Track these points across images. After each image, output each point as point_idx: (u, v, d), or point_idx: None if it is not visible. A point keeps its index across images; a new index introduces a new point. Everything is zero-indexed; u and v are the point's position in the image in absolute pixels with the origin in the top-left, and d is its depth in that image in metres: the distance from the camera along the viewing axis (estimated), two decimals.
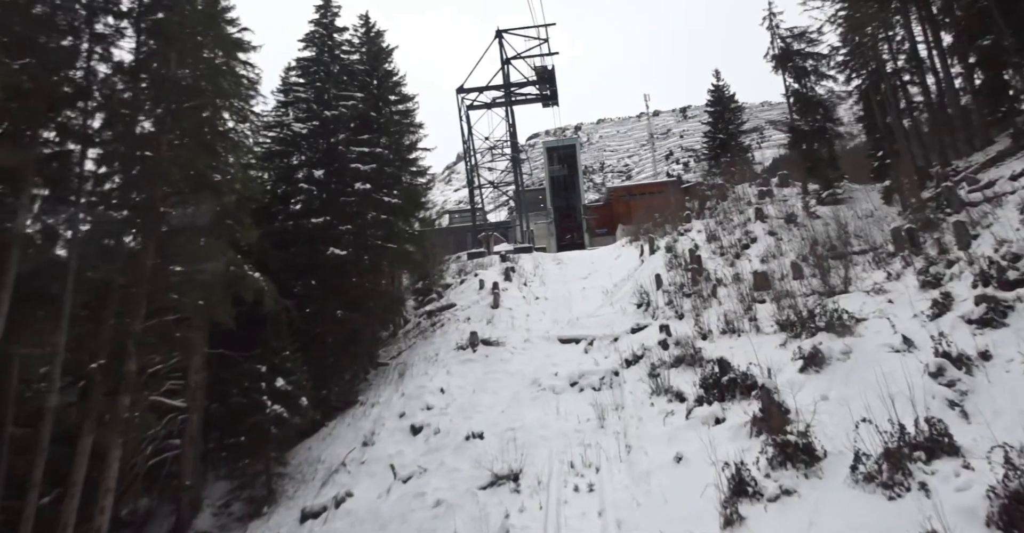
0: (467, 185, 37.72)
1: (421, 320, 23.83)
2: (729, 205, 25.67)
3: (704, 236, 22.51)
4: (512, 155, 38.05)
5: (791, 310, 13.63)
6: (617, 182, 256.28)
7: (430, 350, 18.65)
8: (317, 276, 17.09)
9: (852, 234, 17.93)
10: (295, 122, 18.49)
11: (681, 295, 17.51)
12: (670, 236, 25.15)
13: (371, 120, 20.77)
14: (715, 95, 37.74)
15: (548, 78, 38.06)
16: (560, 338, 18.26)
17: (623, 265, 25.77)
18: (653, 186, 49.42)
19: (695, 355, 13.44)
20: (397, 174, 21.31)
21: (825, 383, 9.94)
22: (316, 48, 19.99)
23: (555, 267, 29.47)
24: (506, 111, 36.92)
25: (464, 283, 26.27)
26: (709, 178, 33.75)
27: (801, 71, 26.13)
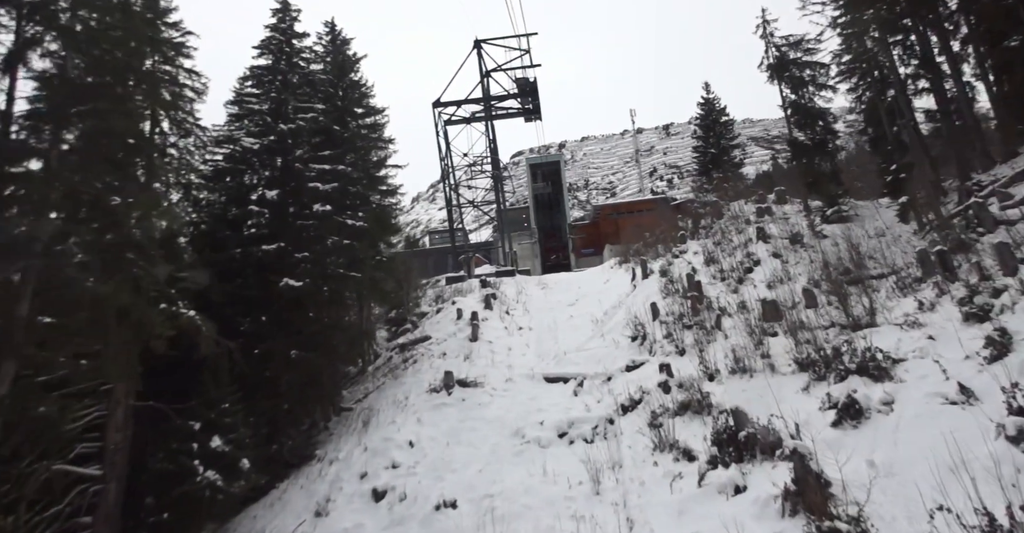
0: (445, 205, 36.16)
1: (393, 354, 22.04)
2: (726, 224, 24.28)
3: (702, 258, 21.04)
4: (493, 172, 36.58)
5: (810, 345, 12.11)
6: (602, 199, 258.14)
7: (400, 393, 16.84)
8: (268, 311, 15.29)
9: (866, 255, 16.52)
10: (246, 137, 16.79)
11: (681, 326, 15.92)
12: (664, 258, 23.67)
13: (335, 134, 19.18)
14: (705, 108, 36.69)
15: (530, 91, 36.78)
16: (546, 377, 16.57)
17: (613, 290, 24.20)
18: (642, 204, 48.17)
19: (702, 401, 11.81)
20: (364, 194, 19.67)
21: (867, 443, 8.34)
22: (273, 56, 18.41)
23: (540, 292, 27.86)
24: (486, 126, 35.56)
25: (441, 312, 24.55)
26: (701, 195, 32.45)
27: (798, 81, 25.00)
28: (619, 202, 53.26)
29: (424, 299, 29.79)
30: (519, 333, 21.22)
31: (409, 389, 16.98)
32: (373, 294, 19.11)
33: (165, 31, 16.57)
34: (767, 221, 22.45)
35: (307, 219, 16.35)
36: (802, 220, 21.76)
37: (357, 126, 20.67)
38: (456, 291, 29.09)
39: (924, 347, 9.85)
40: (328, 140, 18.84)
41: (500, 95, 36.58)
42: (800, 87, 24.96)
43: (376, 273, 18.53)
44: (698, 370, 13.16)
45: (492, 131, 36.07)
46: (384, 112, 22.28)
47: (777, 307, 14.65)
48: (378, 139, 21.94)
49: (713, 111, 36.35)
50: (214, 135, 17.06)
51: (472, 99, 36.07)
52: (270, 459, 14.35)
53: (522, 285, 29.22)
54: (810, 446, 8.13)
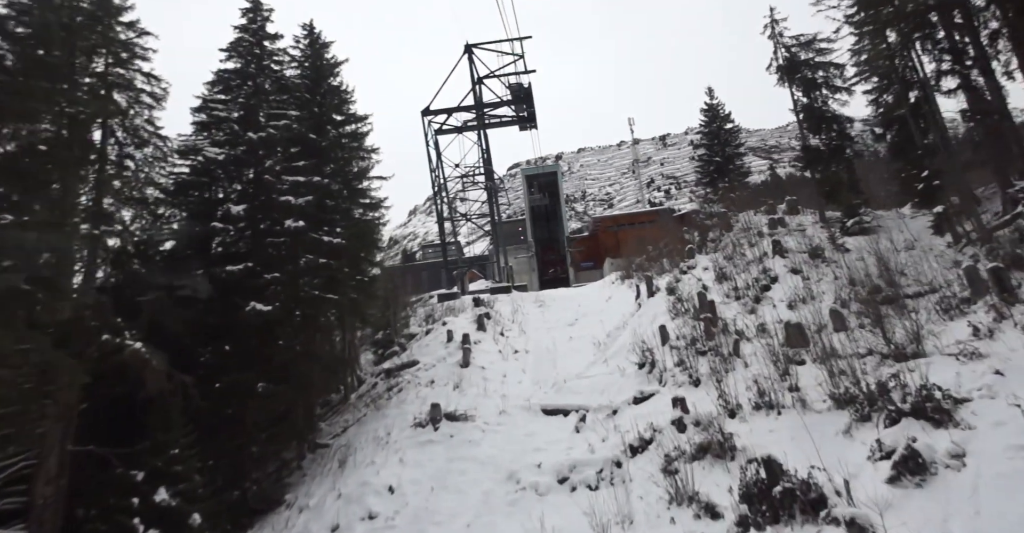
0: (436, 219, 34.75)
1: (378, 381, 20.55)
2: (737, 237, 22.92)
3: (712, 275, 19.64)
4: (487, 183, 35.22)
5: (846, 378, 10.69)
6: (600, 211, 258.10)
7: (381, 427, 15.36)
8: (233, 339, 13.84)
9: (896, 271, 15.15)
10: (211, 147, 15.44)
11: (694, 352, 14.48)
12: (671, 274, 22.29)
13: (311, 144, 17.85)
14: (709, 115, 35.52)
15: (524, 97, 35.48)
16: (544, 408, 15.13)
17: (616, 309, 22.78)
18: (643, 215, 46.89)
19: (724, 443, 10.36)
20: (344, 207, 18.30)
21: (938, 508, 6.89)
22: (242, 59, 17.09)
23: (537, 311, 26.45)
24: (478, 135, 34.23)
25: (430, 333, 23.09)
26: (707, 206, 31.15)
27: (811, 83, 23.82)
28: (619, 214, 51.93)
29: (414, 318, 28.38)
30: (514, 357, 19.78)
31: (392, 423, 15.50)
32: (353, 318, 17.65)
33: (121, 32, 15.36)
34: (782, 233, 21.12)
35: (278, 236, 14.95)
36: (820, 232, 20.42)
37: (337, 135, 19.33)
38: (448, 310, 27.68)
39: (992, 384, 8.42)
40: (304, 150, 17.50)
41: (493, 102, 35.32)
42: (813, 89, 23.78)
43: (357, 294, 17.09)
44: (717, 405, 11.72)
45: (485, 140, 34.80)
46: (367, 120, 21.00)
47: (803, 331, 13.23)
48: (360, 148, 20.59)
49: (717, 117, 35.19)
50: (176, 146, 15.70)
51: (463, 107, 34.77)
52: (232, 506, 12.85)
53: (518, 303, 27.82)
54: (869, 516, 6.69)
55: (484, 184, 35.60)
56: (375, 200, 20.38)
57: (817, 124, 23.20)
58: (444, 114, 34.69)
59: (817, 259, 17.77)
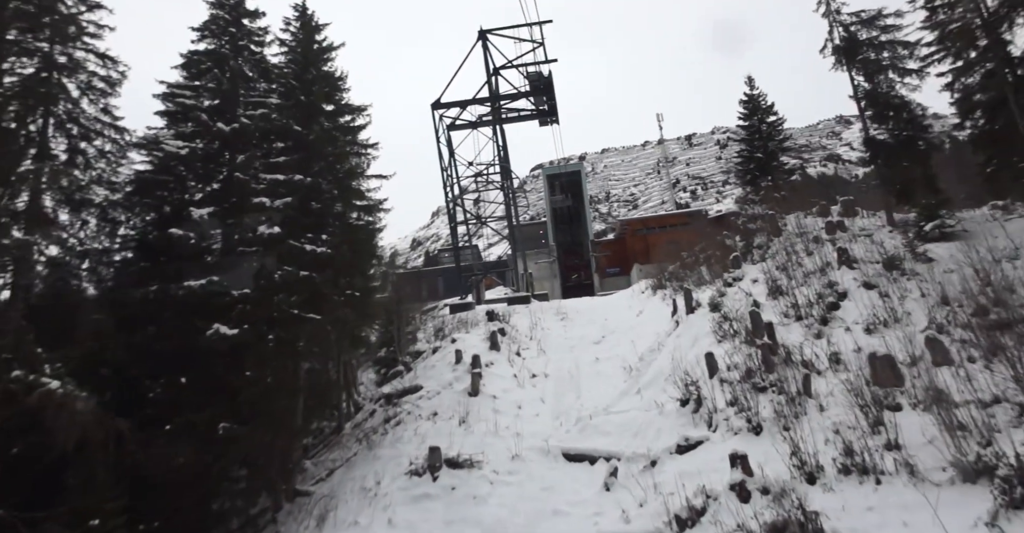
0: (448, 221, 32.42)
1: (377, 407, 18.36)
2: (788, 242, 20.32)
3: (764, 288, 17.09)
4: (502, 182, 32.82)
5: (970, 434, 8.21)
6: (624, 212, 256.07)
7: (371, 473, 13.11)
8: (191, 369, 11.69)
9: (1005, 288, 12.51)
10: (175, 140, 13.35)
11: (750, 388, 11.99)
12: (712, 287, 19.77)
13: (296, 137, 15.69)
14: (749, 106, 32.74)
15: (544, 88, 32.95)
16: (566, 453, 12.80)
17: (649, 325, 20.35)
18: (675, 217, 44.25)
19: (806, 525, 7.91)
20: (338, 211, 16.12)
21: None
22: (216, 38, 15.01)
23: (558, 325, 24.11)
24: (493, 130, 31.83)
25: (438, 352, 20.85)
26: (747, 207, 28.50)
27: (874, 66, 21.12)
28: (648, 216, 49.19)
29: (423, 331, 26.21)
30: (532, 383, 17.47)
31: (384, 468, 13.24)
32: (340, 340, 15.43)
33: (72, 5, 13.34)
34: (844, 239, 18.52)
35: (250, 245, 12.77)
36: (891, 238, 17.78)
37: (328, 127, 17.16)
38: (460, 323, 25.46)
39: None
40: (287, 144, 15.36)
41: (510, 94, 32.93)
42: (877, 73, 21.07)
43: (347, 312, 14.87)
44: (789, 464, 9.28)
45: (502, 136, 32.48)
46: (365, 111, 18.78)
47: (894, 365, 10.71)
48: (354, 143, 18.40)
49: (758, 110, 32.38)
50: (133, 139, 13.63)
51: (477, 99, 32.36)
52: None
53: (537, 315, 25.49)
54: None
55: (500, 183, 33.16)
56: (372, 202, 18.17)
57: (883, 112, 20.52)
58: (456, 107, 32.39)
59: (895, 271, 15.16)
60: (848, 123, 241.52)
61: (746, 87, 33.24)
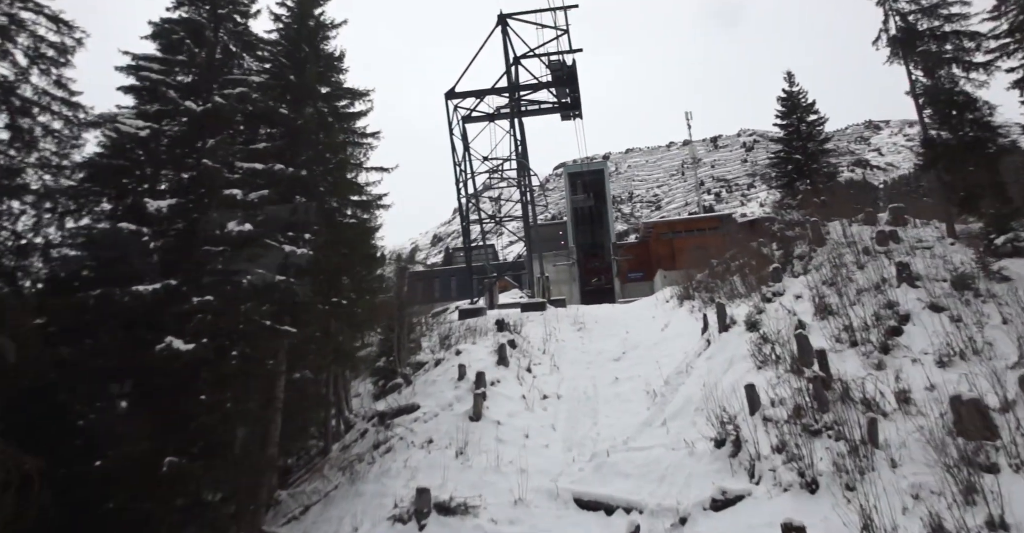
0: (460, 220, 30.56)
1: (369, 427, 16.70)
2: (833, 253, 18.30)
3: (810, 306, 15.12)
4: (518, 179, 30.86)
5: None
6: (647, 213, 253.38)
7: (349, 516, 11.41)
8: (134, 391, 10.02)
9: None
10: (138, 119, 11.72)
11: (801, 431, 10.10)
12: (748, 302, 17.85)
13: (282, 121, 14.01)
14: (787, 104, 30.55)
15: (568, 78, 30.93)
16: (578, 499, 10.99)
17: (675, 342, 18.48)
18: (703, 221, 42.07)
19: None
20: (325, 206, 14.42)
21: None
22: (193, 6, 13.35)
23: (575, 336, 22.28)
24: (511, 123, 29.89)
25: (440, 365, 19.11)
26: (784, 212, 26.45)
27: (936, 59, 19.01)
28: (675, 219, 46.88)
29: (428, 339, 24.50)
30: (542, 405, 15.67)
31: (365, 508, 11.54)
32: (324, 355, 13.69)
33: None
34: (899, 251, 16.51)
35: (217, 244, 11.08)
36: (955, 251, 15.73)
37: (323, 112, 15.46)
38: (468, 331, 23.68)
39: None
40: (272, 129, 13.69)
41: (530, 84, 30.90)
42: (938, 66, 18.96)
43: (332, 323, 13.15)
44: None
45: (520, 130, 30.55)
46: (367, 96, 17.06)
47: (985, 413, 8.75)
48: (351, 130, 16.69)
49: (797, 108, 30.21)
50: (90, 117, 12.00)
51: (495, 89, 30.39)
52: None
53: (552, 325, 23.70)
54: None
55: (517, 180, 31.19)
56: (370, 197, 16.45)
57: (945, 111, 18.41)
58: (472, 97, 30.51)
59: (966, 291, 13.13)
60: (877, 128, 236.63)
61: (785, 83, 31.10)
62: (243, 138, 13.05)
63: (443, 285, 51.95)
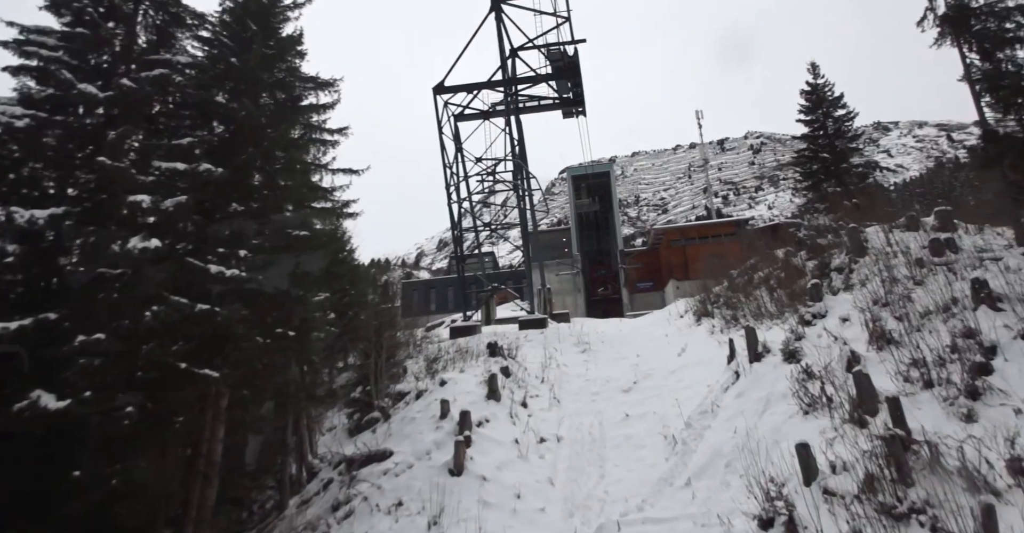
0: (451, 228, 28.02)
1: (335, 476, 14.28)
2: (879, 265, 15.80)
3: (861, 331, 12.60)
4: (515, 182, 28.27)
5: None
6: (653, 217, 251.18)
7: None
8: None
9: None
10: (11, 105, 9.32)
11: (879, 512, 7.59)
12: (782, 324, 15.39)
13: (218, 112, 11.60)
14: (811, 98, 28.09)
15: (569, 69, 28.37)
16: None
17: (695, 371, 15.99)
18: (718, 227, 39.45)
19: None
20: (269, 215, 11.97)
21: None
22: None
23: (578, 360, 19.84)
24: (507, 121, 27.40)
25: (423, 397, 16.66)
26: (812, 216, 23.97)
27: (995, 38, 16.52)
28: (687, 225, 44.11)
29: (416, 359, 22.03)
30: (538, 452, 13.20)
31: None
32: (256, 402, 11.19)
33: None
34: (959, 263, 13.99)
35: (113, 266, 8.65)
36: None
37: (275, 104, 13.07)
38: (459, 353, 21.27)
39: None
40: (206, 121, 11.28)
41: (528, 76, 28.32)
42: (999, 47, 16.46)
43: (274, 358, 10.69)
44: None
45: (518, 128, 28.14)
46: (333, 87, 14.66)
47: None
48: (311, 125, 14.27)
49: (823, 102, 27.76)
50: None
51: (490, 82, 27.84)
52: None
53: (554, 346, 21.27)
54: None
55: (513, 183, 28.64)
56: (335, 204, 14.04)
57: (1010, 99, 15.90)
58: (464, 92, 28.01)
59: None
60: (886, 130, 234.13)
61: (809, 75, 28.68)
62: (167, 131, 10.65)
63: (440, 296, 49.52)
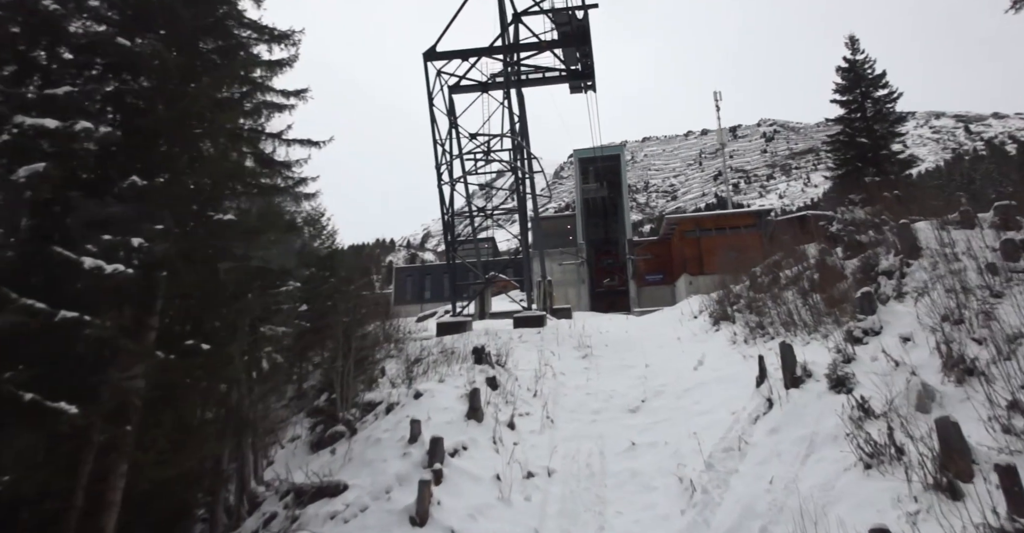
0: (441, 213, 25.36)
1: (280, 509, 12.03)
2: (938, 269, 13.34)
3: (930, 355, 10.14)
4: (512, 163, 25.60)
5: None
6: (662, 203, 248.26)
7: None
8: None
9: None
10: None
11: None
12: (823, 339, 12.99)
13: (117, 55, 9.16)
14: (849, 76, 25.41)
15: (578, 36, 25.49)
16: None
17: (715, 389, 13.65)
18: (737, 218, 36.78)
19: None
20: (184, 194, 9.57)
21: None
22: None
23: (578, 367, 17.54)
24: (506, 92, 24.61)
25: (393, 412, 14.38)
26: (848, 209, 21.40)
27: None
28: (702, 215, 41.04)
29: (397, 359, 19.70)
30: (523, 490, 10.92)
31: None
32: (146, 440, 8.81)
33: None
34: None
35: None
36: None
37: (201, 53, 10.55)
38: (444, 355, 19.02)
39: None
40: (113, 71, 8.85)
41: (530, 42, 25.50)
42: None
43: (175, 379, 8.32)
44: None
45: (520, 103, 25.50)
46: (288, 40, 12.15)
47: None
48: (256, 84, 11.78)
49: (861, 80, 25.09)
50: None
51: (489, 48, 24.97)
52: None
53: (551, 349, 18.97)
54: None
55: (510, 163, 25.97)
56: (289, 180, 11.64)
57: None
58: (459, 59, 25.28)
59: None
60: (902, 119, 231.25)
61: (846, 50, 25.95)
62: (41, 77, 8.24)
63: (435, 282, 47.08)
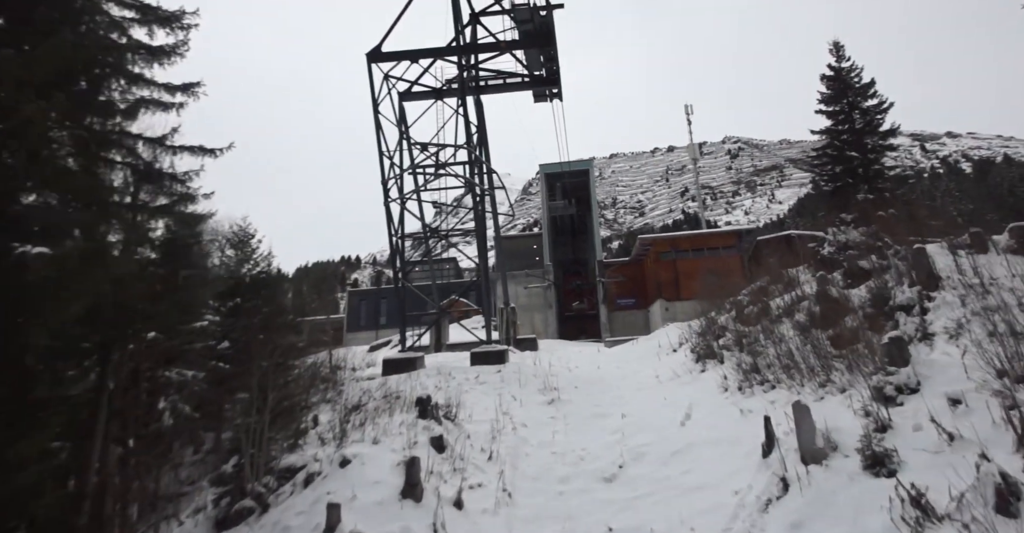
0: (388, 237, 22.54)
1: None
2: (970, 306, 11.31)
3: (996, 425, 7.94)
4: (468, 179, 23.03)
5: None
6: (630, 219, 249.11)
7: None
8: None
9: None
10: None
11: None
12: (840, 392, 10.79)
13: None
14: (834, 85, 23.70)
15: (542, 35, 23.15)
16: None
17: (708, 454, 11.36)
18: (715, 238, 34.81)
19: None
20: None
21: None
22: None
23: (544, 416, 15.17)
24: (461, 99, 22.00)
25: (311, 486, 11.78)
26: (841, 231, 19.45)
27: None
28: (678, 235, 39.01)
29: (335, 407, 17.09)
30: None
31: None
32: None
33: None
34: None
35: None
36: None
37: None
38: (386, 399, 16.51)
39: None
40: None
41: (488, 43, 23.15)
42: None
43: None
44: None
45: (478, 111, 23.11)
46: (179, 23, 9.69)
47: None
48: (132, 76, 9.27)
49: (848, 89, 23.37)
50: None
51: (440, 49, 22.33)
52: None
53: (511, 393, 16.58)
54: None
55: (466, 179, 23.41)
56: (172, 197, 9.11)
57: None
58: (408, 61, 22.76)
59: None
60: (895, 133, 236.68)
61: (831, 57, 24.25)
62: None
63: (392, 307, 44.30)
